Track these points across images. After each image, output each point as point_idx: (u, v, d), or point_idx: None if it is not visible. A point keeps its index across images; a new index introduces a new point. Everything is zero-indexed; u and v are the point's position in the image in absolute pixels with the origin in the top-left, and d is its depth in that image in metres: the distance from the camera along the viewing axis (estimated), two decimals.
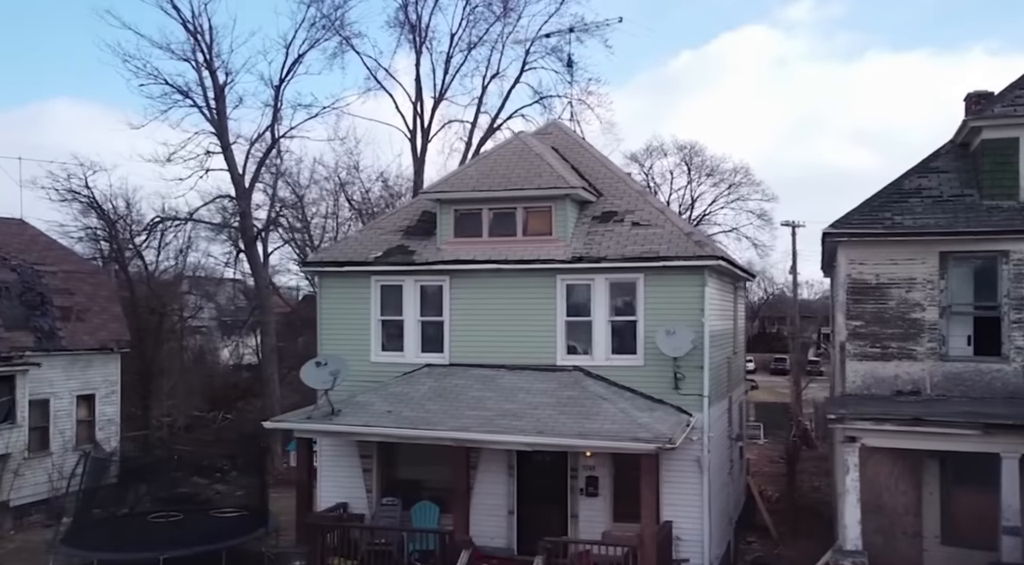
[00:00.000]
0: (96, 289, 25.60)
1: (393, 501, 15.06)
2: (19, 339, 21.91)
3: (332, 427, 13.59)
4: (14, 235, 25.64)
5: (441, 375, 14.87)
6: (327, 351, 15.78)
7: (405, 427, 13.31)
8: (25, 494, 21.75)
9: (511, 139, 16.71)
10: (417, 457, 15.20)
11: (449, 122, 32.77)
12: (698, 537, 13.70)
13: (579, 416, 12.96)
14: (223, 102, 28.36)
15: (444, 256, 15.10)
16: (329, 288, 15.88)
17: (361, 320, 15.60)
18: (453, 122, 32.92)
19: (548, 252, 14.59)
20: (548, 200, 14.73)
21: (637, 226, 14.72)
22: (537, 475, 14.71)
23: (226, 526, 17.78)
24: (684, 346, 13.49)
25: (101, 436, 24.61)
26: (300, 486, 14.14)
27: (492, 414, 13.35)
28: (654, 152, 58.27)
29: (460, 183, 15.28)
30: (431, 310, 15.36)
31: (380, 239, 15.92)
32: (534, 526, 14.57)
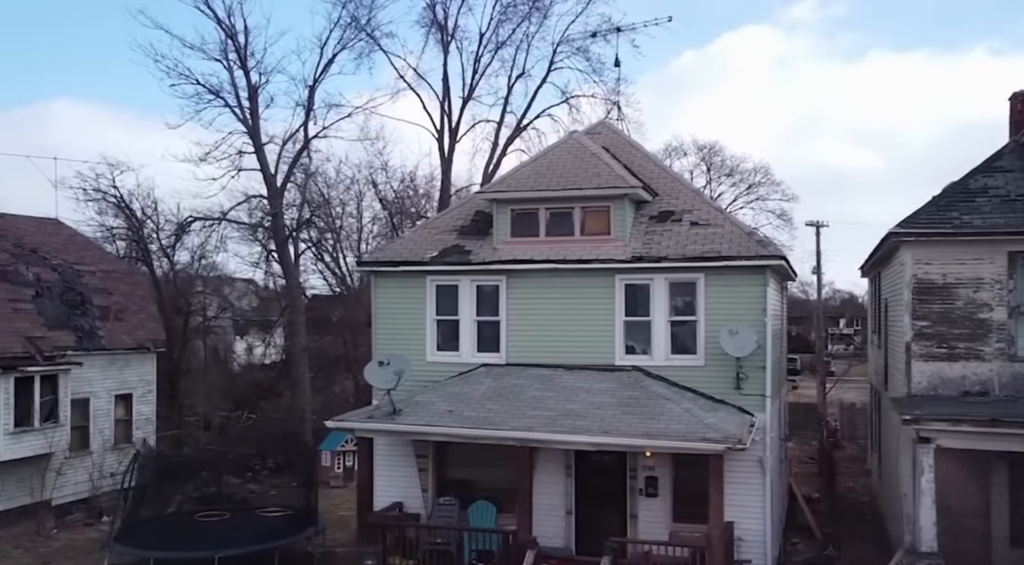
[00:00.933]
0: (133, 289, 25.67)
1: (451, 501, 15.05)
2: (61, 338, 21.99)
3: (395, 427, 13.58)
4: (51, 235, 25.73)
5: (499, 375, 14.85)
6: (381, 351, 15.79)
7: (467, 427, 13.29)
8: (66, 493, 21.84)
9: (565, 139, 16.68)
10: (472, 457, 15.18)
11: (479, 122, 32.72)
12: (760, 538, 13.65)
13: (644, 416, 12.92)
14: (256, 102, 28.40)
15: (501, 256, 15.08)
16: (384, 288, 15.88)
17: (416, 320, 15.59)
18: (482, 122, 32.82)
19: (607, 252, 14.56)
20: (607, 200, 14.70)
21: (696, 226, 14.68)
22: (595, 475, 14.68)
23: (276, 525, 17.83)
24: (748, 346, 13.44)
25: (139, 435, 24.67)
26: (361, 485, 14.14)
27: (555, 414, 13.32)
28: (673, 152, 58.21)
29: (517, 183, 15.26)
30: (487, 310, 15.34)
31: (434, 239, 15.92)
32: (592, 526, 14.58)
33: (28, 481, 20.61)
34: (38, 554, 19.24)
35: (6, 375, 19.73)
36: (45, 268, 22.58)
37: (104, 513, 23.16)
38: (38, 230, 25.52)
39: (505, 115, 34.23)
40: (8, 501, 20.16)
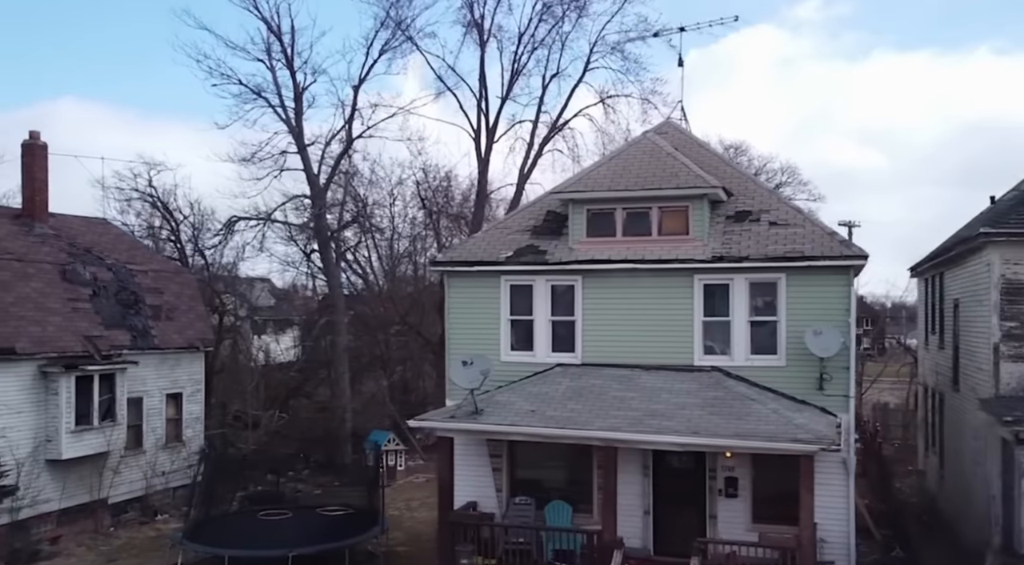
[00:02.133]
0: (182, 288, 25.79)
1: (527, 500, 15.06)
2: (117, 337, 22.11)
3: (480, 426, 13.59)
4: (101, 234, 25.88)
5: (575, 375, 14.86)
6: (455, 350, 15.83)
7: (552, 427, 13.29)
8: (122, 491, 21.95)
9: (639, 139, 16.67)
10: (545, 456, 15.23)
11: (519, 122, 32.72)
12: (843, 539, 13.61)
13: (731, 417, 12.90)
14: (301, 102, 28.50)
15: (578, 256, 15.08)
16: (457, 288, 15.91)
17: (490, 319, 15.61)
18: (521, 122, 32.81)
19: (686, 252, 14.54)
20: (685, 200, 14.69)
21: (775, 225, 14.64)
22: (672, 476, 14.67)
23: (341, 524, 17.88)
24: (833, 347, 13.41)
25: (188, 434, 24.80)
26: (442, 485, 14.16)
27: (639, 414, 13.31)
28: None
29: (593, 183, 15.26)
30: (561, 310, 15.35)
31: (507, 239, 15.93)
32: (670, 527, 14.58)
33: (87, 479, 20.73)
34: (101, 552, 19.38)
35: (68, 374, 19.86)
36: (100, 267, 22.71)
37: (158, 512, 23.31)
38: (88, 230, 25.67)
39: (540, 114, 34.30)
40: (69, 499, 20.28)
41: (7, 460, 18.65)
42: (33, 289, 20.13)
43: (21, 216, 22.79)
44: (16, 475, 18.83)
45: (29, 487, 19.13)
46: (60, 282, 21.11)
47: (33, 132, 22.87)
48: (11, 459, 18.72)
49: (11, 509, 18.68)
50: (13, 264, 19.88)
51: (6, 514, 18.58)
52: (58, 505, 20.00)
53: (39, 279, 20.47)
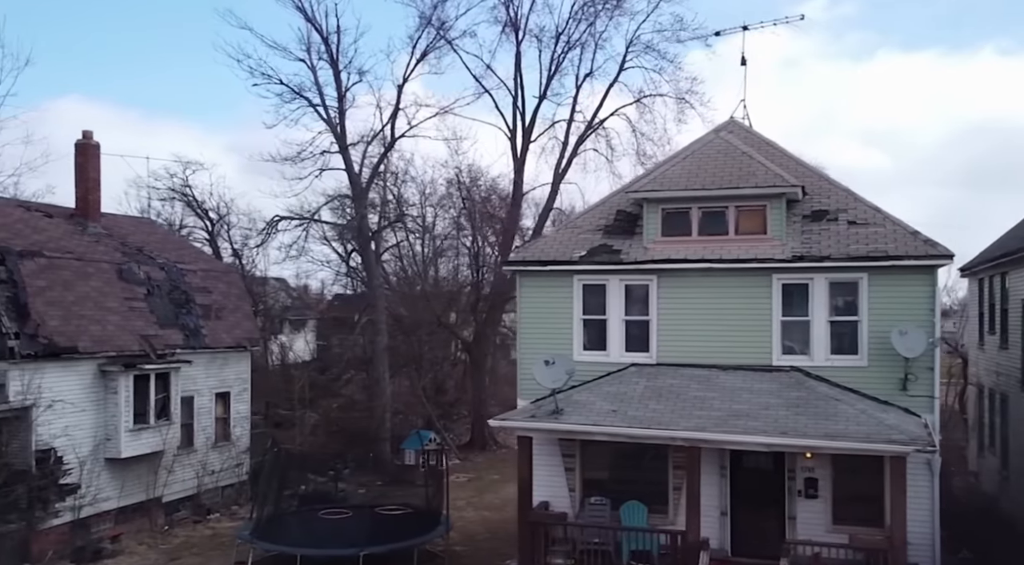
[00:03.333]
0: (229, 287, 25.86)
1: (602, 500, 15.00)
2: (170, 337, 22.17)
3: (563, 426, 13.55)
4: (149, 234, 25.99)
5: (651, 375, 14.80)
6: (527, 350, 15.80)
7: (636, 426, 13.24)
8: (175, 490, 22.00)
9: (711, 138, 16.59)
10: (619, 456, 15.17)
11: (557, 121, 32.66)
12: (928, 541, 13.49)
13: (818, 417, 12.81)
14: (344, 102, 28.53)
15: (653, 255, 15.02)
16: (529, 287, 15.87)
17: (562, 319, 15.57)
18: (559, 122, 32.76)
19: (764, 251, 14.47)
20: (763, 199, 14.61)
21: (854, 225, 14.56)
22: (750, 477, 14.60)
23: (404, 524, 17.88)
24: (919, 347, 13.31)
25: (237, 432, 24.87)
26: (522, 485, 14.13)
27: (722, 414, 13.24)
28: None
29: (668, 182, 15.19)
30: (635, 309, 15.29)
31: (579, 238, 15.89)
32: (748, 528, 14.51)
33: (144, 478, 20.80)
34: (161, 550, 19.42)
35: (127, 373, 19.92)
36: (153, 267, 22.77)
37: (211, 510, 23.36)
38: (137, 229, 25.78)
39: (574, 114, 34.23)
40: (127, 498, 20.34)
41: (70, 459, 18.74)
42: (92, 288, 20.20)
43: (74, 215, 22.89)
44: (79, 474, 18.91)
45: (90, 485, 19.21)
46: (117, 281, 21.18)
47: (86, 131, 22.96)
48: (74, 458, 18.80)
49: (73, 507, 18.76)
50: (73, 263, 19.96)
51: (68, 512, 18.67)
52: (117, 503, 20.07)
53: (98, 278, 20.54)
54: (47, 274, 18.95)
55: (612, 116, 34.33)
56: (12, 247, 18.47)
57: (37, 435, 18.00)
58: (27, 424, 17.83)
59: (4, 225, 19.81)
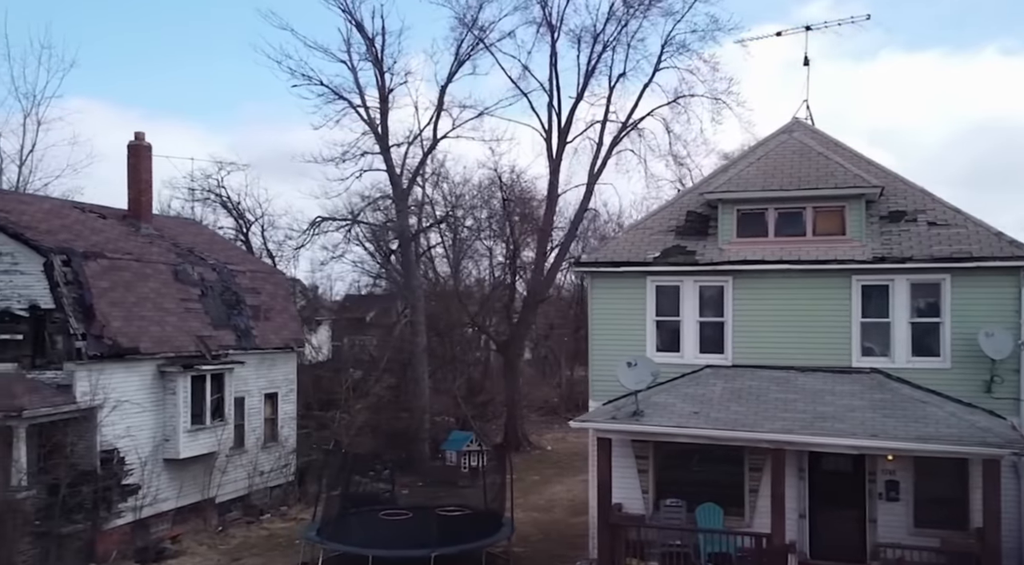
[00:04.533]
0: (276, 288, 25.92)
1: (677, 502, 14.95)
2: (224, 338, 22.22)
3: (646, 427, 13.51)
4: (196, 235, 26.07)
5: (728, 376, 14.74)
6: (599, 351, 15.78)
7: (720, 428, 13.18)
8: (227, 491, 22.05)
9: (784, 137, 16.51)
10: (693, 458, 15.11)
11: (594, 123, 32.61)
12: (1016, 544, 13.36)
13: (906, 419, 12.73)
14: (387, 103, 28.54)
15: (729, 256, 14.96)
16: (600, 289, 15.83)
17: (634, 320, 15.52)
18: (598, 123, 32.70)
19: (844, 252, 14.39)
20: (842, 200, 14.54)
21: (934, 226, 14.47)
22: (829, 479, 14.51)
23: (469, 525, 17.82)
24: (1006, 348, 13.21)
25: (285, 433, 24.92)
26: (601, 486, 14.09)
27: (807, 416, 13.17)
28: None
29: (743, 183, 15.14)
30: (710, 310, 15.24)
31: (651, 239, 15.84)
32: (827, 530, 14.43)
33: (199, 478, 20.84)
34: (221, 551, 19.45)
35: (185, 374, 19.98)
36: (205, 268, 22.82)
37: (263, 511, 23.39)
38: (185, 230, 25.86)
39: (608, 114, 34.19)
40: (184, 498, 20.39)
41: (132, 459, 18.80)
42: (151, 289, 20.26)
43: (127, 216, 22.97)
44: (139, 474, 18.97)
45: (150, 486, 19.26)
46: (173, 282, 21.24)
47: (138, 133, 23.04)
48: (136, 458, 18.86)
49: (135, 508, 18.82)
50: (133, 264, 20.02)
51: (130, 513, 18.73)
52: (175, 504, 20.13)
53: (155, 279, 20.61)
54: (109, 275, 19.02)
55: (647, 117, 34.32)
56: (76, 248, 18.54)
57: (102, 435, 18.07)
58: (92, 425, 17.90)
59: (64, 226, 19.89)
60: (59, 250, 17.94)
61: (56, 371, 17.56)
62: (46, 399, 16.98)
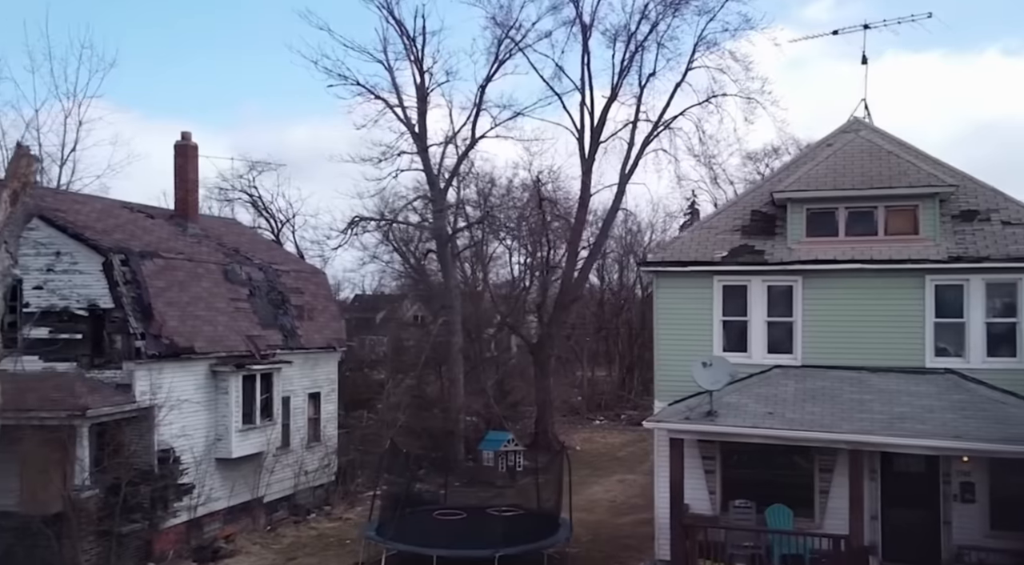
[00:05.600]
0: (318, 288, 25.93)
1: (747, 503, 14.86)
2: (271, 337, 22.23)
3: (722, 428, 13.44)
4: (239, 235, 26.10)
5: (798, 376, 14.64)
6: (664, 351, 15.71)
7: (798, 429, 13.09)
8: (274, 490, 22.04)
9: (851, 136, 16.40)
10: (760, 459, 15.01)
11: (629, 123, 32.49)
12: None
13: (988, 420, 12.60)
14: (425, 103, 28.52)
15: (799, 256, 14.87)
16: (666, 288, 15.75)
17: (701, 320, 15.44)
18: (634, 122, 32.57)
19: (917, 252, 14.28)
20: (915, 199, 14.43)
21: (1009, 225, 14.34)
22: (901, 480, 14.40)
23: (527, 525, 17.76)
24: None
25: (328, 432, 24.93)
26: (674, 487, 14.00)
27: (885, 417, 13.06)
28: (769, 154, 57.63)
29: (814, 182, 15.04)
30: (778, 310, 15.14)
31: (717, 239, 15.76)
32: (899, 532, 14.31)
33: (249, 478, 20.85)
34: (274, 550, 19.45)
35: (236, 373, 19.98)
36: (252, 268, 22.84)
37: (310, 510, 23.38)
38: (227, 230, 25.89)
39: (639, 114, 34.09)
40: (235, 498, 20.39)
41: (187, 459, 18.81)
42: (203, 289, 20.28)
43: (174, 216, 23.01)
44: (194, 474, 18.98)
45: (203, 485, 19.27)
46: (223, 282, 21.26)
47: (185, 132, 23.07)
48: (191, 458, 18.87)
49: (189, 507, 18.84)
50: (186, 264, 20.05)
51: (185, 512, 18.74)
52: (226, 503, 20.13)
53: (207, 279, 20.62)
54: (164, 275, 19.04)
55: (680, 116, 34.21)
56: (132, 248, 18.57)
57: (159, 435, 18.09)
58: (150, 424, 17.92)
59: (118, 226, 19.93)
60: (117, 250, 17.97)
61: (115, 370, 17.58)
62: (107, 398, 17.01)
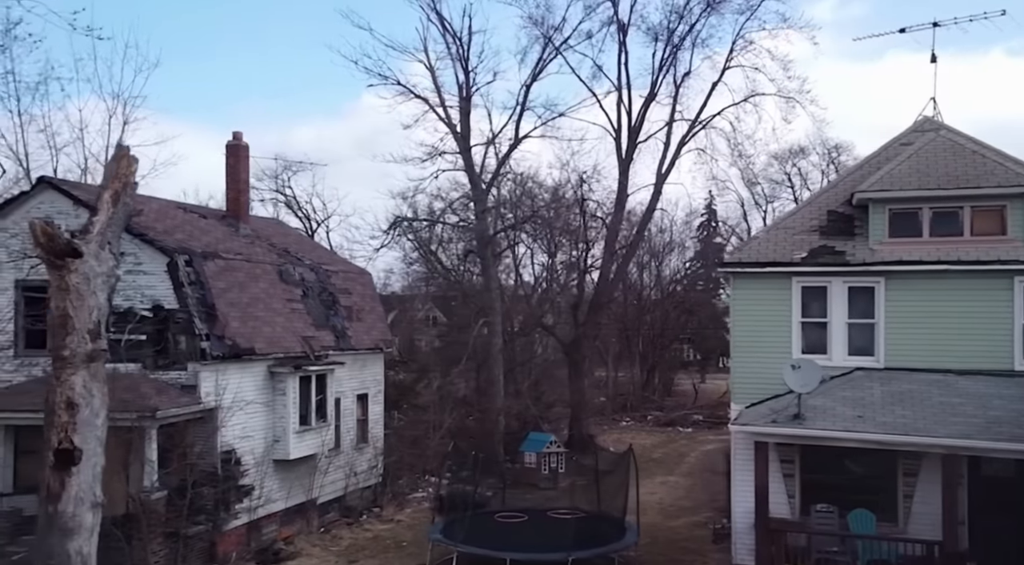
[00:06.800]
0: (365, 289, 25.81)
1: (829, 508, 14.65)
2: (324, 338, 22.12)
3: (813, 432, 13.24)
4: (284, 235, 26.01)
5: (883, 379, 14.43)
6: (741, 352, 15.54)
7: (893, 433, 12.88)
8: (327, 492, 21.93)
9: (931, 135, 16.17)
10: (842, 462, 14.82)
11: (673, 121, 32.28)
12: None
13: None
14: (469, 103, 28.39)
15: (883, 257, 14.66)
16: (742, 289, 15.59)
17: (778, 322, 15.25)
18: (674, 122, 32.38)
19: (1006, 253, 14.06)
20: (1003, 199, 14.22)
21: None
22: (989, 485, 14.16)
23: (594, 528, 17.60)
24: None
25: (376, 433, 24.82)
26: (759, 491, 13.82)
27: (980, 421, 12.84)
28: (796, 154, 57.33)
29: (897, 182, 14.83)
30: (858, 311, 14.94)
31: (794, 240, 15.56)
32: (987, 537, 14.07)
33: (303, 479, 20.74)
34: (333, 552, 19.33)
35: (294, 374, 19.88)
36: (304, 268, 22.74)
37: (361, 512, 23.25)
38: (274, 230, 25.80)
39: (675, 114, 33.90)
40: (291, 499, 20.30)
41: (247, 460, 18.72)
42: (260, 289, 20.18)
43: (226, 217, 22.93)
44: (253, 475, 18.88)
45: (262, 487, 19.17)
46: (278, 282, 21.16)
47: (236, 132, 22.98)
48: (251, 459, 18.78)
49: (249, 509, 18.74)
50: (244, 265, 19.96)
51: (245, 514, 18.64)
52: (283, 505, 20.03)
53: (264, 280, 20.53)
54: (224, 275, 18.95)
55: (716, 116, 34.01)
56: (194, 248, 18.49)
57: (222, 436, 17.99)
58: (213, 425, 17.82)
59: (176, 226, 19.85)
60: (181, 250, 17.89)
61: (180, 371, 17.49)
62: (173, 400, 16.92)
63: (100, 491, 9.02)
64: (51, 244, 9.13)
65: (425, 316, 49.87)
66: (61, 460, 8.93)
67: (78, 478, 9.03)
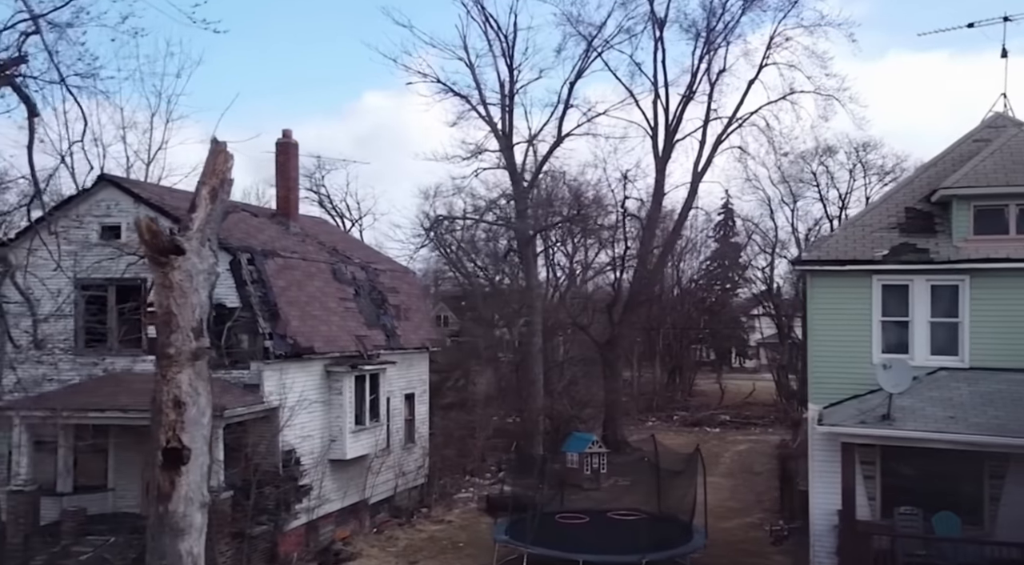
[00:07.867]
0: (411, 288, 25.68)
1: (913, 510, 14.38)
2: (375, 337, 21.97)
3: (906, 433, 13.00)
4: (330, 234, 25.90)
5: (969, 379, 14.15)
6: (818, 352, 15.29)
7: (989, 435, 12.62)
8: (378, 492, 21.78)
9: (1013, 130, 15.88)
10: (924, 464, 14.53)
11: (711, 119, 32.02)
12: None
13: None
14: (512, 101, 28.22)
15: (968, 254, 14.38)
16: (820, 288, 15.32)
17: (857, 320, 14.97)
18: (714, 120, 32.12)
19: None
20: None
21: None
22: None
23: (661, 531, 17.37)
24: None
25: (423, 432, 24.68)
26: (846, 493, 13.56)
27: None
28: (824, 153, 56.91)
29: (982, 178, 14.55)
30: (942, 310, 14.66)
31: (872, 237, 15.29)
32: None
33: (357, 479, 20.60)
34: (391, 553, 19.18)
35: (350, 374, 19.73)
36: (355, 267, 22.59)
37: (412, 512, 23.06)
38: (320, 229, 25.67)
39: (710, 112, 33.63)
40: (345, 499, 20.16)
41: (306, 460, 18.58)
42: (316, 288, 20.05)
43: (276, 215, 22.80)
44: (311, 475, 18.74)
45: (320, 487, 19.03)
46: (332, 281, 21.02)
47: (286, 130, 22.84)
48: (310, 459, 18.64)
49: (308, 509, 18.59)
50: (301, 263, 19.82)
51: (304, 514, 18.49)
52: (339, 505, 19.90)
53: (319, 278, 20.39)
54: (284, 274, 18.81)
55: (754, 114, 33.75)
56: (254, 247, 18.36)
57: (283, 436, 17.85)
58: (274, 425, 17.68)
59: (232, 224, 19.64)
60: (243, 248, 17.77)
61: (243, 370, 17.36)
62: (238, 399, 16.79)
63: (207, 491, 8.85)
64: (155, 241, 8.95)
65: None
66: (170, 460, 8.75)
67: (187, 478, 8.82)
